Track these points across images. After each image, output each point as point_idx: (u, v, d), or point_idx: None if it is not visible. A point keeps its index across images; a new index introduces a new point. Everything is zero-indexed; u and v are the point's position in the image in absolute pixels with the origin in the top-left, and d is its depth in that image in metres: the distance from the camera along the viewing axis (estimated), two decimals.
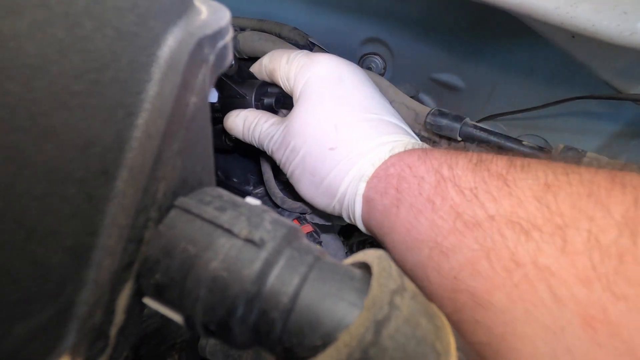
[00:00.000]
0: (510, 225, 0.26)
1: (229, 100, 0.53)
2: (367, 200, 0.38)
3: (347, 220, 0.43)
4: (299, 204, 0.54)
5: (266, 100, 0.54)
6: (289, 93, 0.48)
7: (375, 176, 0.38)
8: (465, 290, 0.27)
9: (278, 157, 0.46)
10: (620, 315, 0.21)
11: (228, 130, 0.52)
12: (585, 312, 0.22)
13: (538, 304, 0.23)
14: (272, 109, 0.54)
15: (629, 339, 0.20)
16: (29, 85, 0.13)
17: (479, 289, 0.26)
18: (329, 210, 0.44)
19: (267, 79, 0.52)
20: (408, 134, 0.42)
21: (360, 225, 0.41)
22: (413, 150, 0.37)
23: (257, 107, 0.53)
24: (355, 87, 0.44)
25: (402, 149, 0.38)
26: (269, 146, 0.47)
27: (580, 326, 0.22)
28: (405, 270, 0.32)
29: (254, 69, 0.52)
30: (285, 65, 0.47)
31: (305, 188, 0.44)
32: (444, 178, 0.32)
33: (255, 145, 0.50)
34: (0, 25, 0.12)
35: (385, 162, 0.37)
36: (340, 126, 0.41)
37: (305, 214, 0.56)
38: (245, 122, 0.50)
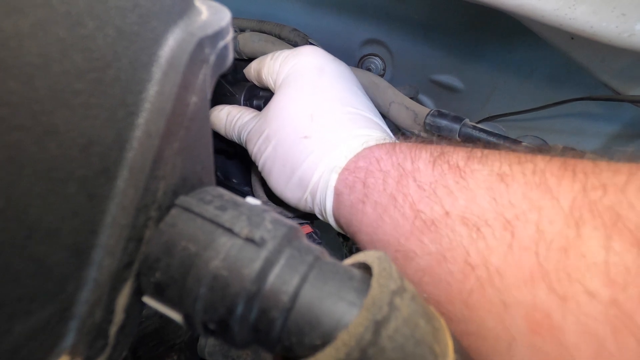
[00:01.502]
0: (464, 222, 0.26)
1: (219, 98, 0.53)
2: (337, 194, 0.37)
3: (320, 216, 0.41)
4: (280, 209, 0.53)
5: (255, 102, 0.54)
6: (272, 89, 0.47)
7: (346, 169, 0.36)
8: (430, 299, 0.27)
9: (251, 147, 0.44)
10: (561, 318, 0.20)
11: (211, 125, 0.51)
12: (531, 318, 0.21)
13: (492, 311, 0.23)
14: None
15: (570, 345, 0.20)
16: (30, 84, 0.13)
17: (441, 298, 0.26)
18: (301, 205, 0.42)
19: (256, 82, 0.51)
20: (384, 130, 0.41)
21: (332, 222, 0.40)
22: (384, 143, 0.36)
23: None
24: (336, 79, 0.43)
25: (375, 143, 0.37)
26: (244, 136, 0.46)
27: (528, 335, 0.21)
28: None
29: (246, 71, 0.52)
30: (269, 62, 0.46)
31: (275, 180, 0.42)
32: (405, 172, 0.32)
33: (235, 140, 0.49)
34: (2, 24, 0.12)
35: (356, 155, 0.36)
36: (316, 115, 0.39)
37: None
38: (228, 117, 0.48)
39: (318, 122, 0.39)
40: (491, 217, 0.25)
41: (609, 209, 0.21)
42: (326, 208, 0.38)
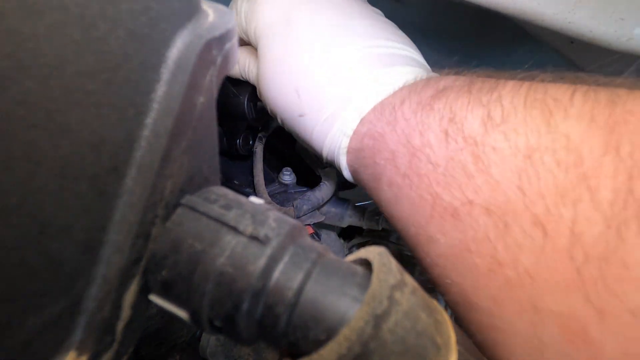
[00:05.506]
0: (489, 213, 0.23)
1: (223, 99, 0.54)
2: (352, 171, 0.36)
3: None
4: (283, 209, 0.54)
5: (259, 103, 0.54)
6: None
7: (352, 149, 0.34)
8: (454, 284, 0.25)
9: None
10: (600, 334, 0.19)
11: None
12: (566, 328, 0.20)
13: (521, 312, 0.21)
14: (266, 113, 0.54)
15: None
16: (46, 84, 0.13)
17: (467, 288, 0.24)
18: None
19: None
20: (382, 63, 0.34)
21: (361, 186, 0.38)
22: (383, 108, 0.32)
23: (249, 109, 0.53)
24: (308, 23, 0.35)
25: (370, 107, 0.32)
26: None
27: (562, 343, 0.20)
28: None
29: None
30: (237, 18, 0.40)
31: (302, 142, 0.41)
32: (415, 149, 0.28)
33: None
34: (20, 26, 0.12)
35: (357, 131, 0.33)
36: (301, 89, 0.35)
37: None
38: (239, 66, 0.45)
39: (305, 96, 0.35)
40: (519, 210, 0.22)
41: None
42: (348, 178, 0.37)
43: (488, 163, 0.24)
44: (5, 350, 0.15)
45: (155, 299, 0.19)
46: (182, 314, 0.18)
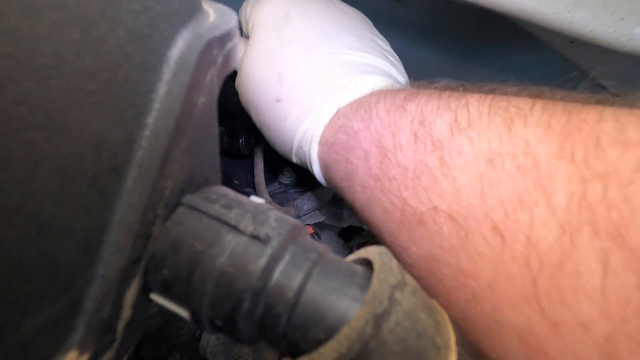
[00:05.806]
0: (451, 221, 0.23)
1: (226, 97, 0.54)
2: (323, 165, 0.35)
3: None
4: (283, 209, 0.53)
5: None
6: None
7: (326, 142, 0.34)
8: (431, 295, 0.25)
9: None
10: (556, 352, 0.18)
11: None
12: (525, 343, 0.19)
13: (487, 328, 0.21)
14: None
15: None
16: (45, 84, 0.13)
17: (440, 300, 0.23)
18: (295, 161, 0.40)
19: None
20: (373, 71, 0.36)
21: (325, 184, 0.38)
22: (359, 105, 0.32)
23: None
24: (306, 23, 0.37)
25: (349, 101, 0.33)
26: None
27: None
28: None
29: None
30: (243, 8, 0.43)
31: (268, 139, 0.41)
32: (386, 150, 0.28)
33: None
34: (20, 26, 0.12)
35: (333, 123, 0.34)
36: (285, 74, 0.36)
37: None
38: None
39: (287, 82, 0.35)
40: (480, 216, 0.22)
41: (608, 217, 0.18)
42: (316, 175, 0.37)
43: (453, 166, 0.24)
44: (5, 350, 0.15)
45: (156, 298, 0.19)
46: (183, 313, 0.18)
